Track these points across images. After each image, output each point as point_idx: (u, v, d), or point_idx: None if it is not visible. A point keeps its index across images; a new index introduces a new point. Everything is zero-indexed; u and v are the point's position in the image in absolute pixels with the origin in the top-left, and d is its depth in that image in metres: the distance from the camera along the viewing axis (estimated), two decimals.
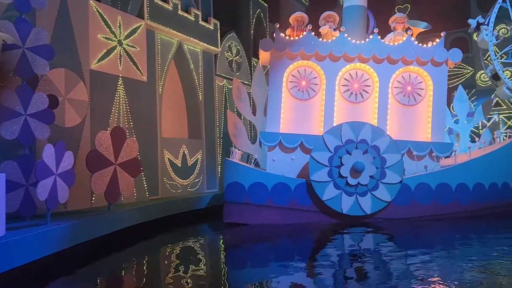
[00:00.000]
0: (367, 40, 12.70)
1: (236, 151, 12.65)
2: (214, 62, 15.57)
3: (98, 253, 8.26)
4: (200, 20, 14.57)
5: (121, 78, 11.34)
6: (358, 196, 11.47)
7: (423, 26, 13.41)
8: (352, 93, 12.72)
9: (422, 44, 12.71)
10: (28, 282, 6.48)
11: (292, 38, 12.61)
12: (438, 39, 12.77)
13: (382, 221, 11.67)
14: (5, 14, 8.85)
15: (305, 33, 12.55)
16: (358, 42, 12.59)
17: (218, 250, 9.58)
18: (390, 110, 12.69)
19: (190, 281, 6.55)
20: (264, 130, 12.53)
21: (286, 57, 12.55)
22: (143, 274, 7.26)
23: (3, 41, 7.74)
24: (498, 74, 14.38)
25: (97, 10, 10.72)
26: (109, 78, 10.98)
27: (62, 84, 9.61)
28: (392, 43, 12.86)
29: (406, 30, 13.38)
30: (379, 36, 12.65)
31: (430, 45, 12.71)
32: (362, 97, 12.73)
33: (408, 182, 11.90)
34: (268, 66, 13.40)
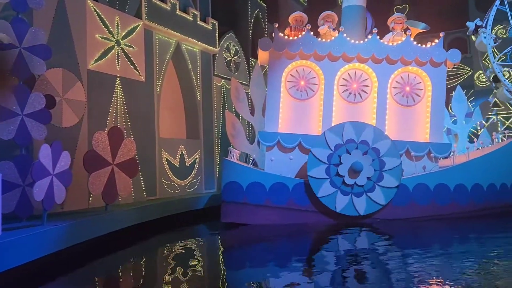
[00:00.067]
0: (366, 40, 12.68)
1: (234, 151, 12.61)
2: (212, 62, 15.54)
3: (95, 253, 8.22)
4: (198, 20, 14.53)
5: (118, 78, 11.30)
6: (353, 196, 11.44)
7: (422, 26, 13.39)
8: (350, 93, 12.69)
9: (421, 44, 12.68)
10: (24, 283, 6.44)
11: (290, 38, 12.58)
12: (437, 40, 12.75)
13: (380, 221, 11.64)
14: (2, 14, 8.81)
15: (304, 33, 12.53)
16: (357, 42, 12.57)
17: (216, 251, 9.54)
18: (389, 111, 12.67)
19: (187, 282, 6.52)
20: (262, 130, 12.50)
21: (285, 56, 12.52)
22: (141, 275, 7.23)
23: (0, 40, 7.71)
24: (497, 76, 14.38)
25: (94, 10, 10.68)
26: (106, 78, 10.94)
27: (60, 84, 9.57)
28: (391, 44, 12.84)
29: (405, 31, 13.38)
30: (378, 36, 12.63)
31: (429, 45, 12.69)
32: (361, 97, 12.70)
33: (406, 183, 11.88)
34: (266, 66, 13.36)
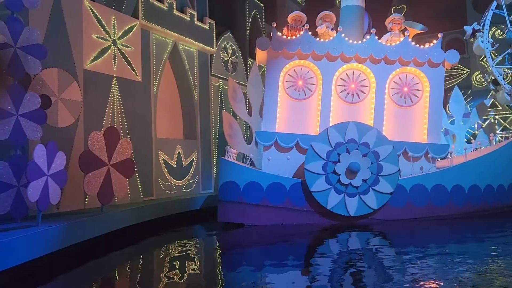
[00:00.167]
0: (364, 40, 12.65)
1: (231, 150, 12.56)
2: (209, 62, 15.49)
3: (91, 255, 8.16)
4: (195, 20, 14.48)
5: (115, 78, 11.24)
6: (346, 195, 11.37)
7: (420, 28, 13.37)
8: (348, 93, 12.65)
9: (419, 45, 12.66)
10: (19, 285, 6.38)
11: (288, 38, 12.53)
12: (435, 40, 12.73)
13: (377, 222, 11.61)
14: None
15: (302, 32, 12.49)
16: (355, 42, 12.54)
17: (213, 252, 9.48)
18: (387, 111, 12.62)
19: (184, 283, 6.47)
20: (260, 130, 12.45)
21: (283, 56, 12.48)
22: (137, 276, 7.17)
23: None
24: (497, 80, 14.37)
25: (91, 9, 10.62)
26: (103, 78, 10.88)
27: (55, 84, 9.51)
28: (389, 44, 12.81)
29: (403, 31, 13.35)
30: (376, 36, 12.60)
31: (427, 46, 12.67)
32: (359, 97, 12.66)
33: (403, 183, 11.84)
34: (264, 66, 13.32)
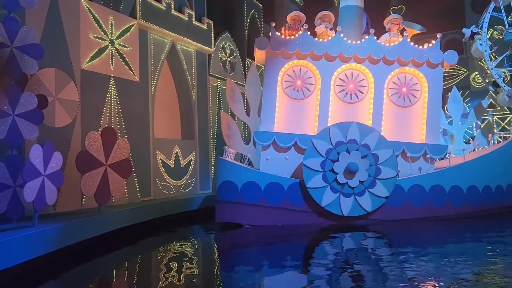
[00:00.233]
0: (363, 40, 12.62)
1: (229, 150, 12.53)
2: (207, 63, 15.46)
3: (87, 255, 8.12)
4: (193, 20, 14.45)
5: (112, 78, 11.20)
6: (341, 195, 11.34)
7: (418, 28, 13.36)
8: (347, 93, 12.62)
9: (417, 45, 12.64)
10: (15, 285, 6.34)
11: (286, 37, 12.49)
12: (434, 41, 12.71)
13: (375, 222, 11.58)
14: None
15: (301, 32, 12.46)
16: (354, 42, 12.51)
17: (210, 252, 9.44)
18: (385, 111, 12.61)
19: (182, 284, 6.43)
20: (258, 130, 12.41)
21: (282, 56, 12.45)
22: (134, 277, 7.13)
23: None
24: (497, 82, 14.37)
25: (88, 9, 10.58)
26: (100, 78, 10.84)
27: (52, 83, 9.47)
28: (387, 44, 12.78)
29: (401, 31, 13.33)
30: (375, 37, 12.58)
31: (426, 46, 12.65)
32: (357, 97, 12.64)
33: (401, 184, 11.82)
34: (262, 66, 13.28)
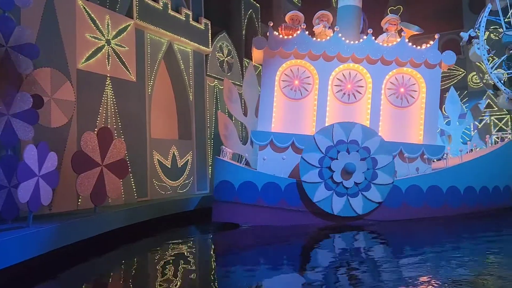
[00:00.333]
0: (361, 40, 12.60)
1: (227, 150, 12.49)
2: (205, 63, 15.41)
3: (83, 256, 8.07)
4: (190, 19, 14.40)
5: (109, 78, 11.14)
6: (334, 193, 11.29)
7: (416, 29, 13.35)
8: (345, 93, 12.60)
9: (415, 46, 12.62)
10: (11, 286, 6.30)
11: (284, 37, 12.45)
12: (431, 41, 12.69)
13: (372, 223, 11.55)
14: None
15: (299, 32, 12.42)
16: (352, 42, 12.49)
17: (207, 253, 9.40)
18: (383, 112, 12.59)
19: (179, 285, 6.38)
20: (255, 129, 12.38)
21: (279, 56, 12.41)
22: (130, 278, 7.09)
23: None
24: (497, 85, 14.38)
25: (84, 8, 10.52)
26: (96, 77, 10.78)
27: (48, 83, 9.41)
28: (385, 44, 12.76)
29: (399, 32, 13.31)
30: (373, 37, 12.56)
31: (424, 47, 12.63)
32: (355, 97, 12.61)
33: (399, 184, 11.79)
34: (260, 66, 13.24)
